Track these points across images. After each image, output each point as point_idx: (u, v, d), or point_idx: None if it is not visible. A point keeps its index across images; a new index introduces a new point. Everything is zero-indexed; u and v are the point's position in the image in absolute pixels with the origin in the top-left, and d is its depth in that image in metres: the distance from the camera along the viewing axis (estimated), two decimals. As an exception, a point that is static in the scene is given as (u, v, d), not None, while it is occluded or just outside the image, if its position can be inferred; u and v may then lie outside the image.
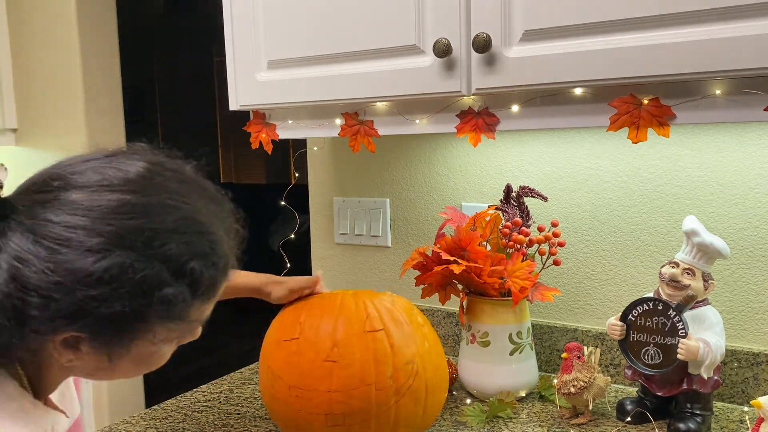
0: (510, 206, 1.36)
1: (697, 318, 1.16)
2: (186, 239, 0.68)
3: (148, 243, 0.66)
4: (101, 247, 0.64)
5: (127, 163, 0.69)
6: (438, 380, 1.12)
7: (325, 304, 1.12)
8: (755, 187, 1.25)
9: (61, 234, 0.64)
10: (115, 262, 0.64)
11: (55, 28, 2.27)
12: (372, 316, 1.09)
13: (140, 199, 0.67)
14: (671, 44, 0.93)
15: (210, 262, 0.70)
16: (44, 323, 0.65)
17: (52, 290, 0.63)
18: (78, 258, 0.63)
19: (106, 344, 0.69)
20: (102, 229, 0.64)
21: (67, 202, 0.65)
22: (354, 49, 1.20)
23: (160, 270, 0.66)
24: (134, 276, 0.65)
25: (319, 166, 1.75)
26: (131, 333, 0.69)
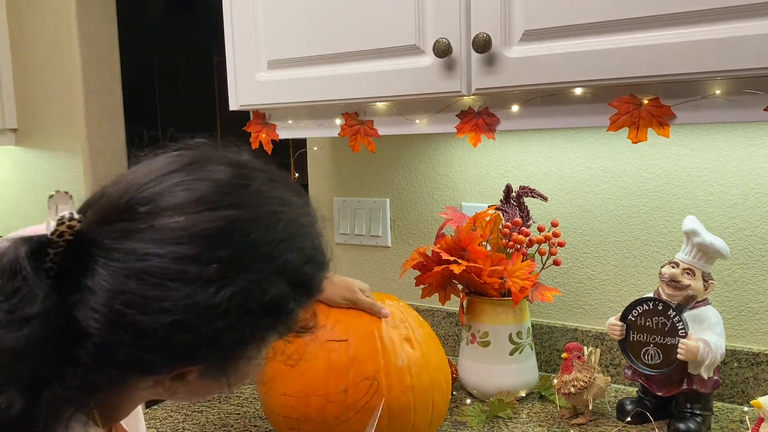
0: (510, 206, 1.36)
1: (697, 318, 1.16)
2: (297, 245, 0.63)
3: (267, 260, 0.60)
4: (220, 274, 0.57)
5: (214, 171, 0.61)
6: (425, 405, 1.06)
7: (318, 304, 1.12)
8: (755, 187, 1.25)
9: (170, 267, 0.56)
10: (239, 288, 0.57)
11: (55, 28, 2.27)
12: (340, 324, 1.05)
13: (246, 213, 0.60)
14: (671, 44, 0.93)
15: (318, 263, 0.66)
16: (162, 365, 0.59)
17: (171, 331, 0.56)
18: (197, 291, 0.56)
19: (219, 370, 0.63)
20: (217, 255, 0.57)
21: (165, 231, 0.57)
22: (354, 49, 1.20)
23: (281, 284, 0.61)
24: (262, 298, 0.59)
25: (319, 166, 1.75)
26: (249, 351, 0.64)
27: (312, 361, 1.04)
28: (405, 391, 1.04)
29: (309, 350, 1.05)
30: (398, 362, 1.04)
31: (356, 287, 1.10)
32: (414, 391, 1.05)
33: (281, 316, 0.62)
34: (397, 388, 1.03)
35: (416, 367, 1.06)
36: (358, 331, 1.05)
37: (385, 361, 1.03)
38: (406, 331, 1.09)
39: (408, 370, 1.05)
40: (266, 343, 0.66)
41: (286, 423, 1.06)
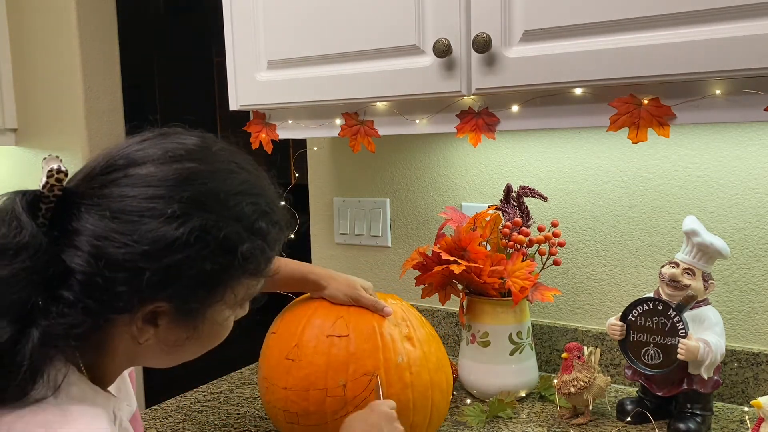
0: (510, 206, 1.36)
1: (697, 318, 1.16)
2: (251, 200, 0.71)
3: (223, 204, 0.69)
4: (181, 212, 0.66)
5: (183, 137, 0.73)
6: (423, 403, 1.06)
7: (322, 301, 1.13)
8: (755, 188, 1.25)
9: (140, 205, 0.66)
10: (197, 224, 0.66)
11: (55, 28, 2.27)
12: (342, 320, 1.06)
13: (207, 166, 0.70)
14: (671, 44, 0.93)
15: (273, 220, 0.74)
16: (132, 297, 0.66)
17: (138, 261, 0.65)
18: (161, 225, 0.65)
19: (186, 313, 0.70)
20: (180, 195, 0.67)
21: (138, 177, 0.67)
22: (354, 49, 1.20)
23: (237, 228, 0.69)
24: (217, 235, 0.67)
25: (319, 166, 1.75)
26: (214, 296, 0.71)
27: (313, 356, 1.04)
28: (404, 388, 1.04)
29: (310, 345, 1.05)
30: (398, 359, 1.05)
31: (359, 285, 1.12)
32: (413, 389, 1.05)
33: (237, 256, 0.69)
34: (397, 385, 1.04)
35: (416, 366, 1.06)
36: (359, 328, 1.06)
37: (385, 358, 1.04)
38: (408, 330, 1.09)
39: (408, 367, 1.05)
40: (232, 286, 0.72)
41: (286, 417, 1.07)
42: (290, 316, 1.13)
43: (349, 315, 1.08)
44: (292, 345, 1.07)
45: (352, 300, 1.10)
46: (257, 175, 0.76)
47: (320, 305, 1.11)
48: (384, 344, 1.05)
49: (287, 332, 1.10)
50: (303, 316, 1.10)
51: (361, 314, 1.08)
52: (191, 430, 1.24)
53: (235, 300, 0.74)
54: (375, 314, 1.09)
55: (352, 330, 1.06)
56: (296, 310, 1.13)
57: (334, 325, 1.06)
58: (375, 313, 1.09)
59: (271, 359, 1.10)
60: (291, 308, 1.16)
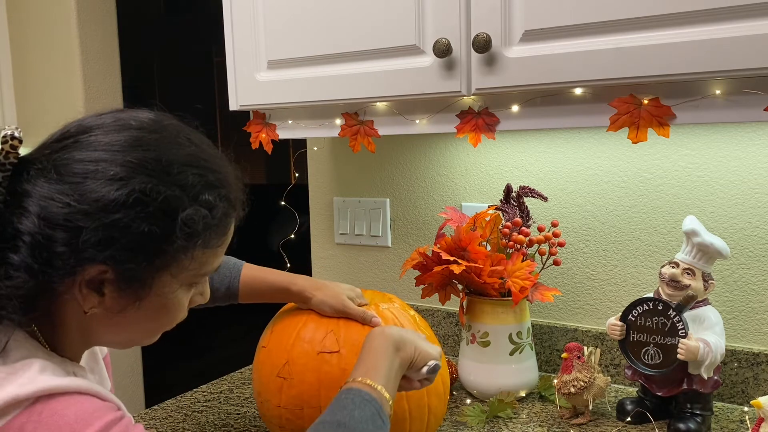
0: (510, 206, 1.36)
1: (697, 318, 1.16)
2: (199, 172, 0.72)
3: (165, 171, 0.70)
4: (123, 175, 0.68)
5: (139, 111, 0.75)
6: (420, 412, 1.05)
7: (310, 314, 1.11)
8: (755, 187, 1.25)
9: (85, 168, 0.68)
10: (138, 186, 0.67)
11: (55, 28, 2.27)
12: (332, 335, 1.04)
13: (153, 135, 0.72)
14: (671, 44, 0.93)
15: (222, 195, 0.74)
16: (73, 257, 0.67)
17: (79, 220, 0.66)
18: (102, 187, 0.67)
19: (130, 280, 0.70)
20: (122, 159, 0.68)
21: (87, 143, 0.70)
22: (354, 49, 1.20)
23: (180, 194, 0.70)
24: (157, 198, 0.68)
25: (319, 166, 1.75)
26: (156, 263, 0.70)
27: (304, 374, 1.03)
28: (399, 399, 1.02)
29: (301, 362, 1.03)
30: None
31: (344, 296, 1.09)
32: (408, 399, 1.03)
33: (177, 222, 0.69)
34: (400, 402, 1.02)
35: None
36: (350, 342, 1.04)
37: None
38: None
39: None
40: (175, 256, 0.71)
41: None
42: (280, 328, 1.11)
43: (338, 329, 1.06)
44: (282, 362, 1.05)
45: (339, 313, 1.08)
46: (210, 153, 0.76)
47: (309, 318, 1.09)
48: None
49: (277, 348, 1.07)
50: (293, 330, 1.08)
51: (351, 327, 1.06)
52: (191, 430, 1.24)
53: (184, 273, 0.73)
54: (365, 326, 1.06)
55: (342, 345, 1.03)
56: (285, 323, 1.11)
57: (324, 340, 1.04)
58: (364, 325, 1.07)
59: (263, 376, 1.08)
60: (280, 319, 1.13)
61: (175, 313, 0.77)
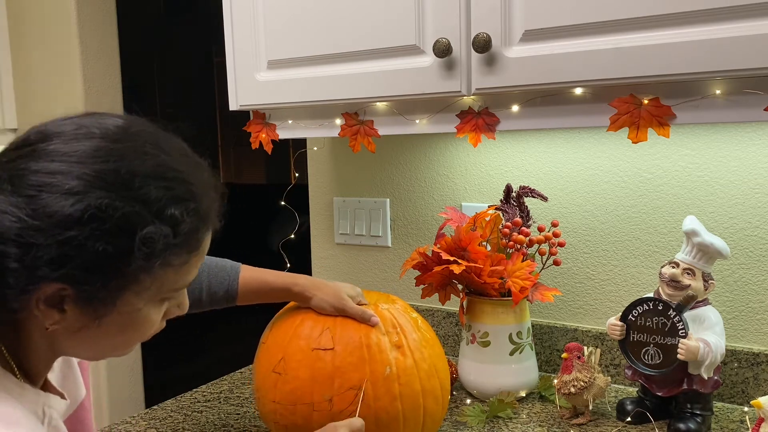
0: (510, 206, 1.36)
1: (697, 318, 1.16)
2: (165, 185, 0.68)
3: (126, 185, 0.65)
4: (79, 189, 0.63)
5: (106, 117, 0.70)
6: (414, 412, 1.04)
7: (309, 312, 1.11)
8: (755, 187, 1.25)
9: (40, 180, 0.64)
10: (94, 202, 0.63)
11: (55, 28, 2.27)
12: (328, 332, 1.05)
13: (116, 145, 0.67)
14: (671, 44, 0.93)
15: (190, 209, 0.69)
16: (25, 274, 0.63)
17: (32, 237, 0.62)
18: (56, 201, 0.63)
19: (90, 299, 0.66)
20: (79, 172, 0.64)
21: (45, 152, 0.65)
22: (354, 49, 1.20)
23: (140, 210, 0.65)
24: (114, 214, 0.64)
25: (319, 166, 1.75)
26: (115, 283, 0.67)
27: (298, 370, 1.03)
28: (392, 400, 1.02)
29: (296, 359, 1.04)
30: (386, 371, 1.02)
31: (344, 294, 1.09)
32: (402, 401, 1.03)
33: (136, 239, 0.65)
34: (384, 398, 1.02)
35: (406, 375, 1.04)
36: (345, 340, 1.04)
37: (372, 371, 1.02)
38: (398, 338, 1.06)
39: (396, 378, 1.03)
40: (135, 275, 0.67)
41: (277, 429, 1.07)
42: (278, 326, 1.11)
43: (335, 326, 1.06)
44: (278, 358, 1.05)
45: (339, 311, 1.07)
46: (182, 162, 0.71)
47: (307, 316, 1.09)
48: (371, 356, 1.03)
49: (275, 344, 1.08)
50: (290, 328, 1.08)
51: (348, 325, 1.06)
52: (191, 430, 1.24)
53: (146, 291, 0.69)
54: (363, 325, 1.06)
55: (337, 342, 1.03)
56: (285, 321, 1.12)
57: (319, 337, 1.05)
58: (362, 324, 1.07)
59: (260, 371, 1.09)
60: (280, 318, 1.14)
61: (144, 329, 0.73)
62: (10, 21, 2.37)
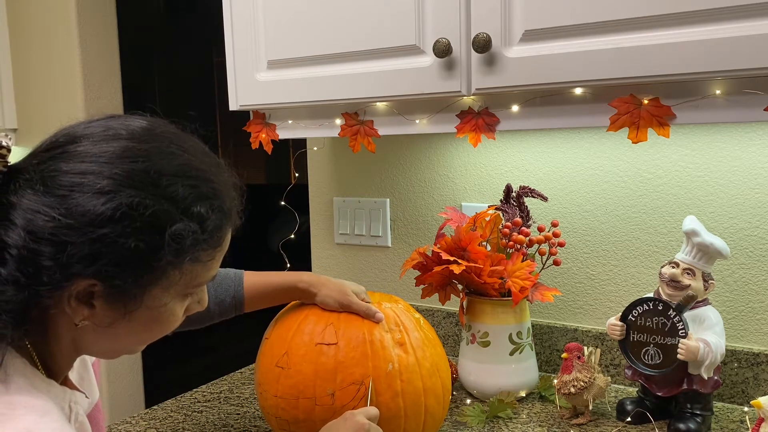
0: (510, 206, 1.36)
1: (697, 318, 1.16)
2: (190, 183, 0.70)
3: (154, 183, 0.68)
4: (110, 188, 0.66)
5: (131, 119, 0.73)
6: (416, 410, 1.05)
7: (314, 306, 1.12)
8: (755, 187, 1.25)
9: (72, 180, 0.66)
10: (125, 200, 0.66)
11: (55, 28, 2.28)
12: (331, 327, 1.05)
13: (143, 145, 0.70)
14: (671, 44, 0.93)
15: (215, 206, 0.72)
16: (59, 272, 0.65)
17: (65, 235, 0.65)
18: (89, 200, 0.65)
19: (119, 295, 0.69)
20: (110, 172, 0.67)
21: (75, 153, 0.68)
22: (354, 49, 1.20)
23: (169, 207, 0.68)
24: (144, 212, 0.66)
25: (319, 166, 1.75)
26: (145, 278, 0.69)
27: (301, 365, 1.04)
28: (394, 396, 1.02)
29: (299, 353, 1.04)
30: (388, 367, 1.03)
31: (349, 290, 1.10)
32: (404, 397, 1.03)
33: (166, 235, 0.68)
34: (386, 394, 1.02)
35: (408, 373, 1.04)
36: (348, 335, 1.04)
37: (374, 366, 1.02)
38: (400, 335, 1.07)
39: (398, 375, 1.03)
40: (164, 270, 0.70)
41: (278, 424, 1.07)
42: (282, 321, 1.12)
43: (338, 322, 1.06)
44: (282, 353, 1.06)
45: (344, 307, 1.08)
46: (205, 161, 0.74)
47: (311, 312, 1.10)
48: (373, 352, 1.03)
49: (278, 339, 1.09)
50: (294, 323, 1.09)
51: (352, 321, 1.06)
52: (191, 430, 1.24)
53: (174, 286, 0.72)
54: (366, 321, 1.07)
55: (341, 338, 1.04)
56: (288, 316, 1.12)
57: (323, 332, 1.05)
58: (366, 320, 1.07)
59: (263, 366, 1.10)
60: (284, 314, 1.15)
61: (168, 324, 0.75)
62: (10, 21, 2.37)
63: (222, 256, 0.77)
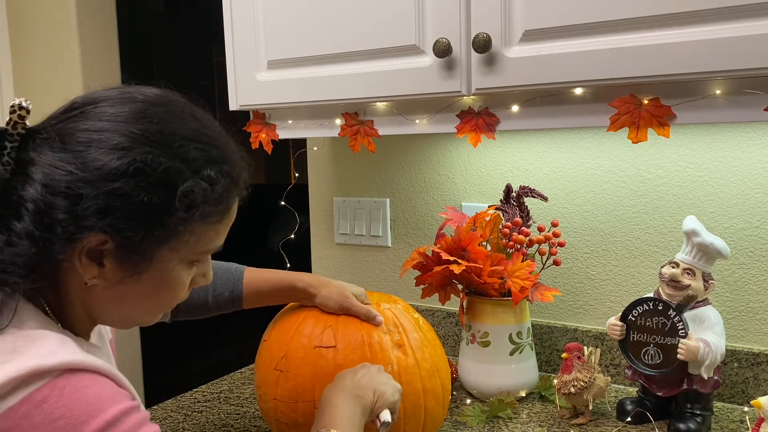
0: (510, 206, 1.36)
1: (697, 318, 1.16)
2: (201, 146, 0.73)
3: (168, 143, 0.71)
4: (125, 145, 0.69)
5: (145, 87, 0.77)
6: (416, 409, 1.04)
7: (312, 308, 1.11)
8: (755, 187, 1.25)
9: (89, 137, 0.69)
10: (139, 157, 0.68)
11: (55, 28, 2.27)
12: (330, 330, 1.05)
13: (158, 108, 0.73)
14: (671, 44, 0.93)
15: (224, 171, 0.74)
16: (73, 224, 0.67)
17: (80, 188, 0.67)
18: (103, 155, 0.68)
19: (129, 252, 0.70)
20: (125, 130, 0.69)
21: (93, 113, 0.71)
22: (354, 49, 1.20)
23: (181, 166, 0.70)
24: (157, 168, 0.69)
25: (319, 166, 1.75)
26: (156, 234, 0.71)
27: (300, 367, 1.03)
28: (414, 396, 1.03)
29: (298, 356, 1.04)
30: (387, 369, 1.02)
31: (349, 293, 1.10)
32: (404, 399, 1.02)
33: (177, 194, 0.70)
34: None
35: (407, 374, 1.04)
36: (347, 338, 1.04)
37: None
38: (399, 337, 1.06)
39: (397, 377, 1.03)
40: (174, 229, 0.71)
41: (278, 426, 1.07)
42: (281, 324, 1.12)
43: (337, 324, 1.06)
44: (280, 355, 1.06)
45: (344, 310, 1.08)
46: (215, 130, 0.77)
47: (310, 314, 1.09)
48: (372, 354, 1.03)
49: (277, 341, 1.08)
50: (293, 325, 1.09)
51: (350, 323, 1.06)
52: (191, 430, 1.24)
53: (183, 247, 0.74)
54: (365, 323, 1.06)
55: (339, 340, 1.04)
56: (287, 318, 1.12)
57: (322, 335, 1.05)
58: (366, 322, 1.07)
59: (261, 368, 1.09)
60: (282, 316, 1.15)
61: (175, 291, 0.77)
62: (10, 21, 2.37)
63: (229, 223, 0.78)
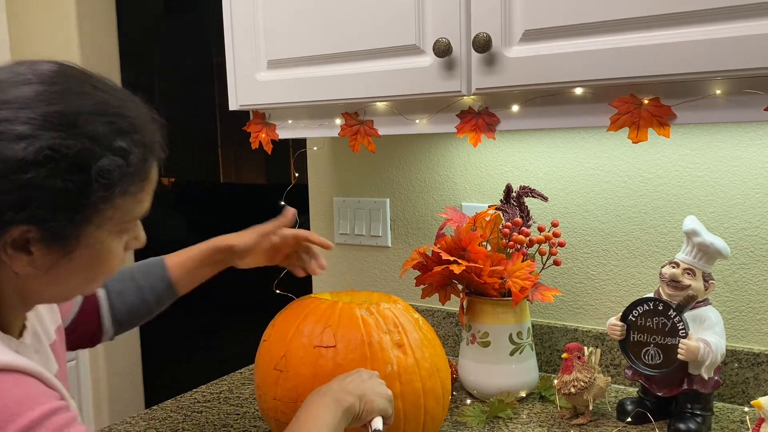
0: (510, 206, 1.36)
1: (697, 318, 1.16)
2: (108, 120, 0.71)
3: (72, 123, 0.68)
4: (28, 133, 0.66)
5: (37, 63, 0.72)
6: (416, 412, 1.04)
7: (312, 307, 1.11)
8: (755, 187, 1.25)
9: None
10: (45, 143, 0.66)
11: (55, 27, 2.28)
12: (329, 330, 1.05)
13: (55, 87, 0.70)
14: (671, 44, 0.93)
15: (136, 140, 0.73)
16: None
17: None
18: (9, 147, 0.65)
19: (55, 237, 0.69)
20: (25, 117, 0.66)
21: None
22: (354, 49, 1.20)
23: (90, 145, 0.68)
24: (66, 152, 0.67)
25: (319, 166, 1.75)
26: (79, 217, 0.70)
27: (300, 367, 1.03)
28: (393, 399, 1.01)
29: (297, 356, 1.04)
30: (386, 369, 1.02)
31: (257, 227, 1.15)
32: (403, 399, 1.03)
33: (92, 172, 0.68)
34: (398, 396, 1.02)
35: (407, 374, 1.04)
36: (347, 338, 1.04)
37: (373, 368, 1.01)
38: (399, 337, 1.06)
39: (397, 377, 1.03)
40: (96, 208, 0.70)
41: (278, 426, 1.07)
42: (280, 323, 1.12)
43: (337, 324, 1.06)
44: (280, 355, 1.06)
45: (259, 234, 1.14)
46: (120, 98, 0.74)
47: (309, 314, 1.09)
48: (372, 354, 1.03)
49: (277, 341, 1.09)
50: (292, 325, 1.09)
51: (350, 323, 1.06)
52: (191, 430, 1.24)
53: (108, 223, 0.73)
54: (364, 323, 1.06)
55: (339, 340, 1.04)
56: (286, 318, 1.12)
57: (321, 335, 1.05)
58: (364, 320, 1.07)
59: (261, 368, 1.10)
60: (282, 315, 1.15)
61: (110, 262, 0.76)
62: (9, 21, 2.37)
63: (152, 189, 0.77)
